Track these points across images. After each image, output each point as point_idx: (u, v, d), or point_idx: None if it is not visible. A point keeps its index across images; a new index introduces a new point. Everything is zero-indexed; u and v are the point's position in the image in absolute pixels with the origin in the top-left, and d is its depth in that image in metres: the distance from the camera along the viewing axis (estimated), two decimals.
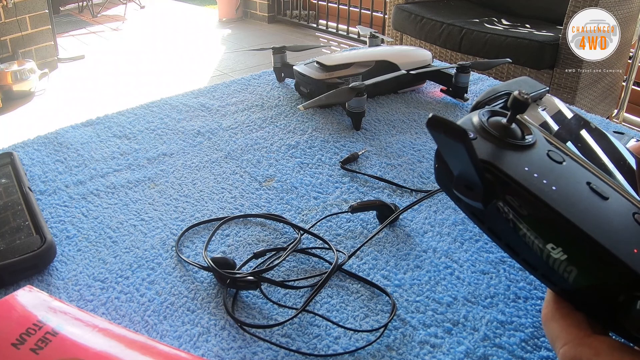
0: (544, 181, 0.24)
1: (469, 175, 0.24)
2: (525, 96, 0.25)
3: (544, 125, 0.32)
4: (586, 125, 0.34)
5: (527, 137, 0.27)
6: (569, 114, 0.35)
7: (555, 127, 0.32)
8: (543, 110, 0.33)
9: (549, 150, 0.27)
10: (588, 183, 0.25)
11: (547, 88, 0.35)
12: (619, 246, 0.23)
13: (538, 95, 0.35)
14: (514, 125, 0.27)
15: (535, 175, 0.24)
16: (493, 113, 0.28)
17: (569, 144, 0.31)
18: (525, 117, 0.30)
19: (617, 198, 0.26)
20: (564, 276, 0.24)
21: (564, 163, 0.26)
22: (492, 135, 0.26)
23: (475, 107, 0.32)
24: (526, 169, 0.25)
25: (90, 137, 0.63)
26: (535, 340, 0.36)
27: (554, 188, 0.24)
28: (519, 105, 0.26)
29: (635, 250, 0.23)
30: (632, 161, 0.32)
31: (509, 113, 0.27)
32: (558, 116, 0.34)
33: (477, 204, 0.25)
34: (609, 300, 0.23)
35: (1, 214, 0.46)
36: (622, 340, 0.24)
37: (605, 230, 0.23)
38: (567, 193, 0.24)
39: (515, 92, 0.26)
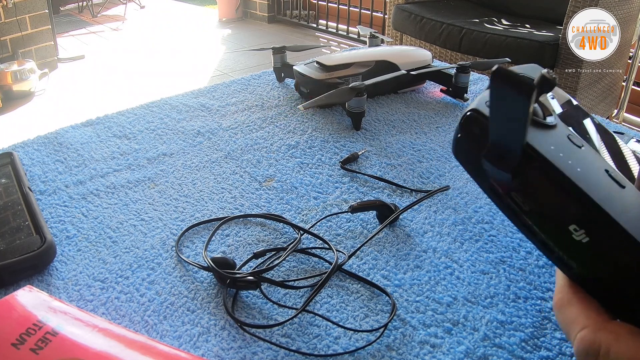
0: (569, 162, 0.24)
1: (510, 140, 0.24)
2: (554, 76, 0.25)
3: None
4: (590, 117, 0.34)
5: (548, 118, 0.26)
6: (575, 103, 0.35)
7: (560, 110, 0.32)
8: (552, 98, 0.33)
9: (569, 134, 0.26)
10: (606, 170, 0.25)
11: (555, 77, 0.35)
12: None
13: None
14: (536, 105, 0.26)
15: (561, 154, 0.24)
16: None
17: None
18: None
19: (632, 188, 0.25)
20: (583, 260, 0.24)
21: (583, 148, 0.26)
22: None
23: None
24: (552, 147, 0.24)
25: (90, 137, 0.63)
26: (535, 340, 0.36)
27: (578, 169, 0.24)
28: (547, 84, 0.25)
29: None
30: (634, 165, 0.32)
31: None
32: (567, 106, 0.33)
33: (506, 176, 0.25)
34: (628, 288, 0.23)
35: (1, 214, 0.46)
36: None
37: (627, 216, 0.23)
38: (590, 176, 0.24)
39: (544, 71, 0.25)
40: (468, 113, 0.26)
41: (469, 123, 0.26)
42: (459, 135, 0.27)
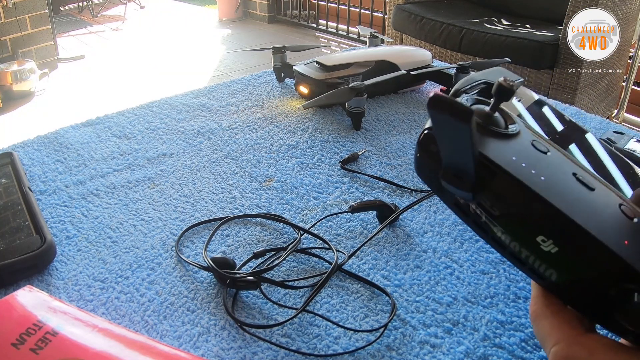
0: (532, 171, 0.24)
1: (461, 162, 0.23)
2: (511, 83, 0.25)
3: (519, 117, 0.31)
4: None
5: (510, 126, 0.26)
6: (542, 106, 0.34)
7: (531, 120, 0.32)
8: (518, 101, 0.33)
9: (533, 140, 0.26)
10: (574, 174, 0.25)
11: (522, 79, 0.35)
12: (610, 238, 0.22)
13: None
14: (497, 114, 0.26)
15: (523, 165, 0.24)
16: (476, 101, 0.27)
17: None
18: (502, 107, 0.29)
19: (603, 189, 0.25)
20: (553, 270, 0.23)
21: (549, 153, 0.26)
22: (477, 124, 0.25)
23: (454, 96, 0.31)
24: (513, 158, 0.24)
25: (90, 137, 0.63)
26: (535, 340, 0.36)
27: (542, 178, 0.24)
28: (504, 93, 0.25)
29: (627, 242, 0.22)
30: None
31: (492, 101, 0.26)
32: (533, 108, 0.33)
33: (466, 194, 0.24)
34: (599, 294, 0.23)
35: (1, 214, 0.46)
36: (609, 334, 0.24)
37: (596, 221, 0.23)
38: (556, 183, 0.24)
39: (501, 79, 0.25)
40: (425, 132, 0.26)
41: (426, 142, 0.26)
42: (418, 154, 0.26)
